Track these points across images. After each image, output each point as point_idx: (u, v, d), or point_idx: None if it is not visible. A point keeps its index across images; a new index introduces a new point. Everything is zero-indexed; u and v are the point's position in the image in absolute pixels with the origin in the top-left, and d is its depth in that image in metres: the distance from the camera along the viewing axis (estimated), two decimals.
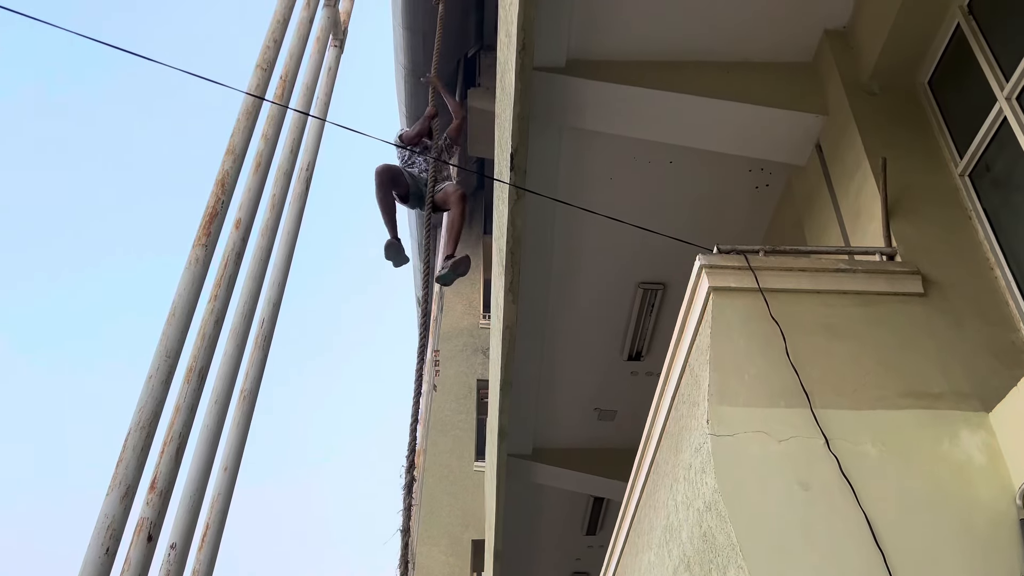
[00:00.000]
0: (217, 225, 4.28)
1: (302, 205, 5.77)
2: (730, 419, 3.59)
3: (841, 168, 5.06)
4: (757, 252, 4.11)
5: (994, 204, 4.38)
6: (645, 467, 4.80)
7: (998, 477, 3.47)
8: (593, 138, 6.03)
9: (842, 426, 3.57)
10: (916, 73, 5.02)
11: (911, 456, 3.53)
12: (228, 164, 4.50)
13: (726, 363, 3.77)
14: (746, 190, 6.32)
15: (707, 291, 3.94)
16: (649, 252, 6.93)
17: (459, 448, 15.84)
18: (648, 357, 8.13)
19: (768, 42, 5.53)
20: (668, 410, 4.33)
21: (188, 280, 4.05)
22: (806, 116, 5.37)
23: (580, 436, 9.26)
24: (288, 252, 5.56)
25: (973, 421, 3.63)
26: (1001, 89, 4.28)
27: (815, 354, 3.81)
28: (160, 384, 3.72)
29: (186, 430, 3.92)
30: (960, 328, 3.98)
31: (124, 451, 3.48)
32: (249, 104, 4.76)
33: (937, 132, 4.82)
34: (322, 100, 6.41)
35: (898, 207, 4.48)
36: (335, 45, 6.99)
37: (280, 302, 5.35)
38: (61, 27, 3.56)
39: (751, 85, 5.52)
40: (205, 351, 4.16)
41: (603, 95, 5.66)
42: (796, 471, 3.46)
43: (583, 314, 7.75)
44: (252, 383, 4.96)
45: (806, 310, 3.96)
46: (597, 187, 6.39)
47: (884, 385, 3.73)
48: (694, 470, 3.69)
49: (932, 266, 4.18)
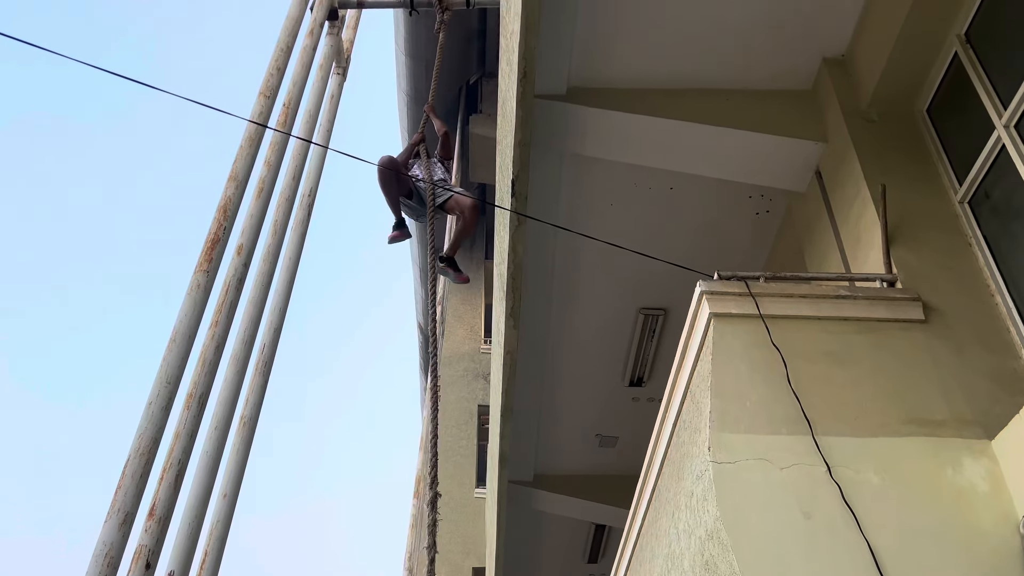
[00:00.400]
0: (219, 251, 4.30)
1: (304, 231, 5.79)
2: (732, 446, 3.58)
3: (841, 195, 5.08)
4: (758, 278, 4.12)
5: (994, 231, 4.39)
6: (647, 494, 4.78)
7: (1001, 505, 3.44)
8: (594, 164, 6.06)
9: (844, 453, 3.56)
10: (915, 101, 5.06)
11: (914, 484, 3.51)
12: (231, 191, 4.52)
13: (727, 389, 3.76)
14: (747, 216, 6.34)
15: (708, 317, 3.94)
16: (650, 278, 6.94)
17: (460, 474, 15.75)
18: (649, 383, 8.12)
19: (768, 70, 5.57)
20: (669, 437, 4.32)
21: (189, 306, 4.06)
22: (806, 143, 5.41)
23: (582, 462, 9.22)
24: (289, 278, 5.57)
25: (976, 448, 3.61)
26: (999, 117, 4.30)
27: (816, 381, 3.81)
28: (160, 410, 3.71)
29: (185, 456, 3.91)
30: (961, 355, 3.98)
31: (123, 478, 3.47)
32: (252, 131, 4.80)
33: (936, 159, 4.85)
34: (324, 127, 6.45)
35: (898, 234, 4.49)
36: (338, 73, 7.05)
37: (281, 328, 5.35)
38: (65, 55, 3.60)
39: (751, 112, 5.56)
40: (205, 377, 4.15)
41: (604, 122, 5.70)
42: (798, 499, 3.44)
43: (584, 340, 7.74)
44: (252, 409, 4.95)
45: (807, 336, 3.96)
46: (598, 213, 6.42)
47: (886, 412, 3.71)
48: (696, 498, 3.67)
49: (933, 293, 4.18)
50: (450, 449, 16.05)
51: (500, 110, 6.04)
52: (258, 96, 5.06)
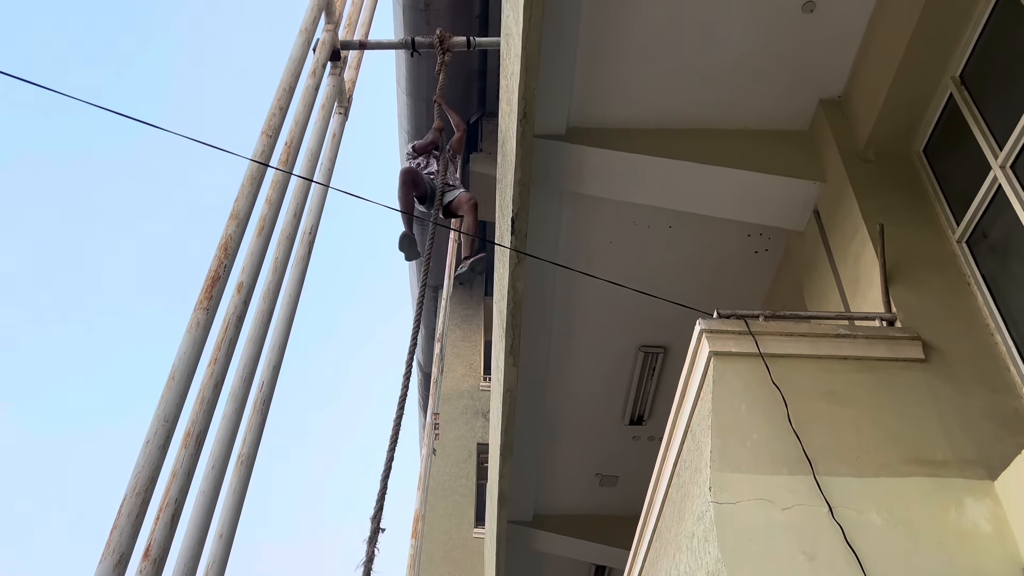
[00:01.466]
0: (219, 289, 4.30)
1: (304, 268, 5.81)
2: (733, 486, 3.56)
3: (839, 234, 5.10)
4: (757, 317, 4.12)
5: (992, 270, 4.40)
6: (647, 535, 4.73)
7: (1005, 546, 3.41)
8: (593, 203, 6.10)
9: (846, 494, 3.53)
10: (911, 141, 5.11)
11: (917, 525, 3.47)
12: (232, 228, 4.54)
13: (728, 429, 3.75)
14: (746, 255, 6.36)
15: (708, 356, 3.94)
16: (650, 316, 6.94)
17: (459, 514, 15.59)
18: (650, 421, 8.08)
19: (765, 110, 5.63)
20: (670, 476, 4.29)
21: (188, 344, 4.06)
22: (804, 183, 5.45)
23: (582, 502, 9.14)
24: (289, 315, 5.58)
25: (978, 489, 3.58)
26: (995, 157, 4.34)
27: (817, 420, 3.79)
28: (158, 449, 3.69)
29: (182, 496, 3.87)
30: (962, 394, 3.97)
31: (119, 517, 3.44)
32: (254, 170, 4.83)
33: (933, 199, 4.88)
34: (326, 165, 6.50)
35: (897, 273, 4.51)
36: (340, 112, 7.12)
37: (280, 365, 5.34)
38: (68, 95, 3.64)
39: (749, 152, 5.61)
40: (204, 415, 4.13)
41: (603, 161, 5.75)
42: (800, 540, 3.40)
43: (584, 378, 7.72)
44: (250, 447, 4.92)
45: (807, 375, 3.95)
46: (597, 251, 6.44)
47: (887, 452, 3.69)
48: (697, 539, 3.64)
49: (932, 332, 4.18)
50: (448, 488, 15.91)
51: (500, 149, 6.09)
52: (260, 135, 5.11)
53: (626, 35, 5.26)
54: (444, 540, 15.21)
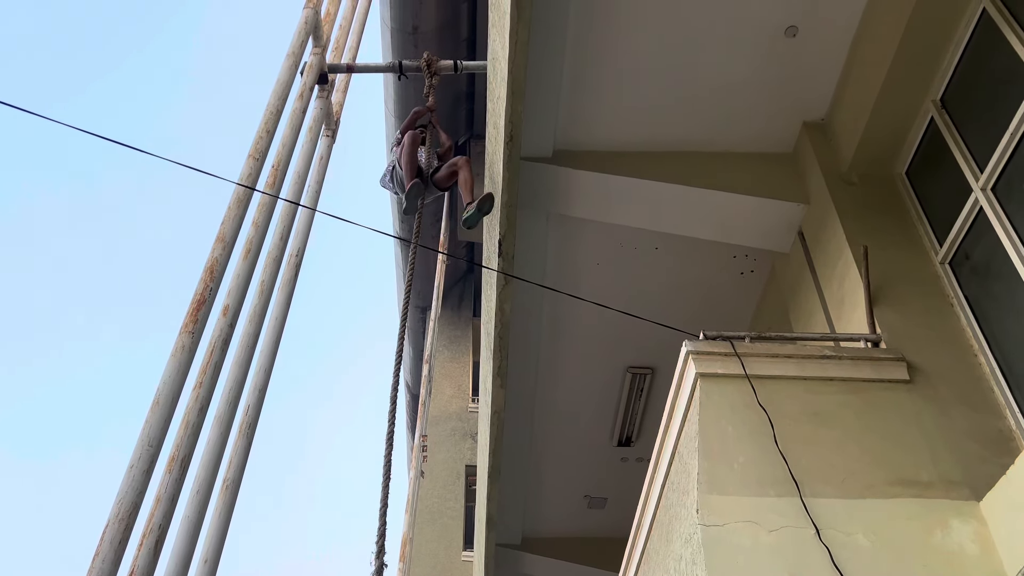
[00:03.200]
0: (204, 312, 4.28)
1: (291, 291, 5.79)
2: (720, 508, 3.56)
3: (824, 256, 5.14)
4: (743, 338, 4.14)
5: (975, 292, 4.44)
6: (636, 557, 4.71)
7: (991, 567, 3.42)
8: (580, 225, 6.12)
9: (832, 515, 3.54)
10: (894, 164, 5.16)
11: (903, 546, 3.48)
12: (218, 252, 4.53)
13: (715, 451, 3.75)
14: (731, 276, 6.39)
15: (694, 377, 3.95)
16: (637, 337, 6.95)
17: (447, 537, 15.46)
18: (638, 443, 8.06)
19: (749, 133, 5.69)
20: (658, 498, 4.28)
21: (173, 368, 4.03)
22: (788, 205, 5.49)
23: (570, 525, 9.09)
24: (275, 338, 5.55)
25: (964, 510, 3.60)
26: (976, 180, 4.39)
27: (803, 441, 3.80)
28: (142, 474, 3.65)
29: (166, 521, 3.83)
30: (947, 415, 3.99)
31: (101, 544, 3.39)
32: (240, 193, 4.83)
33: (916, 221, 4.92)
34: (313, 188, 6.51)
35: (881, 294, 4.54)
36: (327, 135, 7.14)
37: (266, 389, 5.31)
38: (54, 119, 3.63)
39: (733, 175, 5.66)
40: (188, 439, 4.10)
41: (589, 184, 5.78)
42: (787, 562, 3.40)
43: (572, 399, 7.71)
44: (235, 471, 4.88)
45: (793, 397, 3.97)
46: (584, 273, 6.46)
47: (873, 473, 3.71)
48: (685, 561, 3.63)
49: (917, 353, 4.21)
50: (436, 510, 15.80)
51: (487, 172, 6.12)
52: (247, 158, 5.11)
53: (612, 59, 5.31)
54: (432, 563, 15.07)
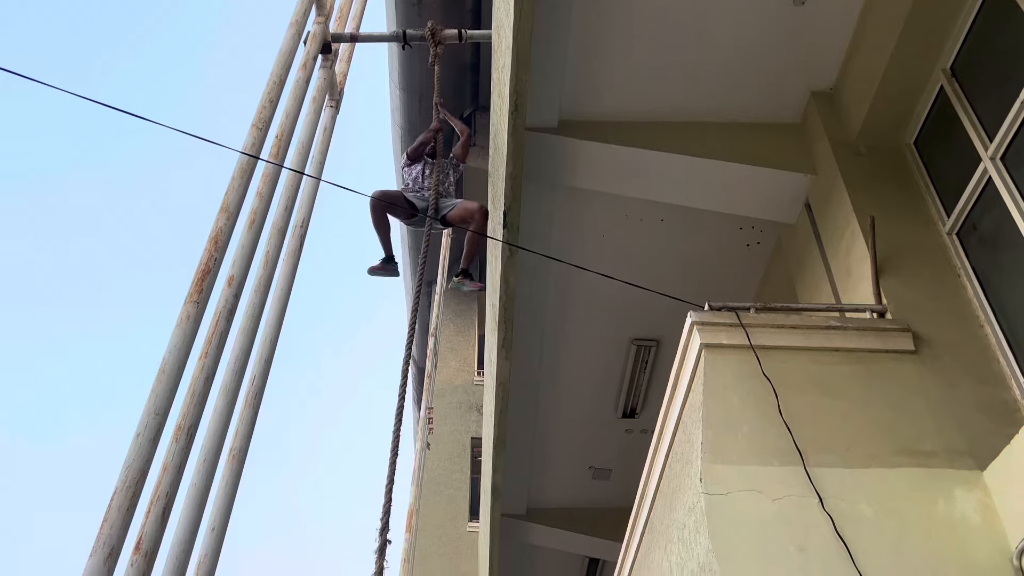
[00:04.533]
0: (209, 282, 4.28)
1: (296, 262, 5.78)
2: (724, 477, 3.57)
3: (831, 226, 5.11)
4: (748, 309, 4.13)
5: (982, 262, 4.41)
6: (639, 527, 4.74)
7: (994, 536, 3.43)
8: (585, 196, 6.09)
9: (836, 485, 3.54)
10: (902, 133, 5.11)
11: (906, 515, 3.49)
12: (222, 222, 4.53)
13: (719, 420, 3.75)
14: (738, 248, 6.37)
15: (699, 348, 3.94)
16: (642, 309, 6.94)
17: (452, 508, 15.59)
18: (642, 414, 8.09)
19: (757, 103, 5.63)
20: (662, 468, 4.30)
21: (179, 337, 4.04)
22: (795, 176, 5.45)
23: (575, 495, 9.15)
24: (281, 309, 5.55)
25: (968, 480, 3.60)
26: (985, 149, 4.35)
27: (807, 411, 3.80)
28: (148, 442, 3.67)
29: (173, 489, 3.86)
30: (952, 386, 3.98)
31: (109, 511, 3.43)
32: (244, 163, 4.81)
33: (924, 191, 4.89)
34: (317, 159, 6.48)
35: (888, 265, 4.52)
36: (331, 105, 7.09)
37: (272, 359, 5.32)
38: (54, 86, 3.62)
39: (740, 145, 5.62)
40: (195, 409, 4.12)
41: (595, 154, 5.74)
42: (791, 531, 3.42)
43: (577, 371, 7.73)
44: (242, 441, 4.90)
45: (797, 367, 3.96)
46: (590, 244, 6.44)
47: (877, 443, 3.71)
48: (688, 530, 3.65)
49: (923, 324, 4.19)
50: (442, 482, 15.92)
51: (492, 143, 6.08)
52: (251, 128, 5.09)
53: (617, 28, 5.25)
54: (438, 534, 15.22)
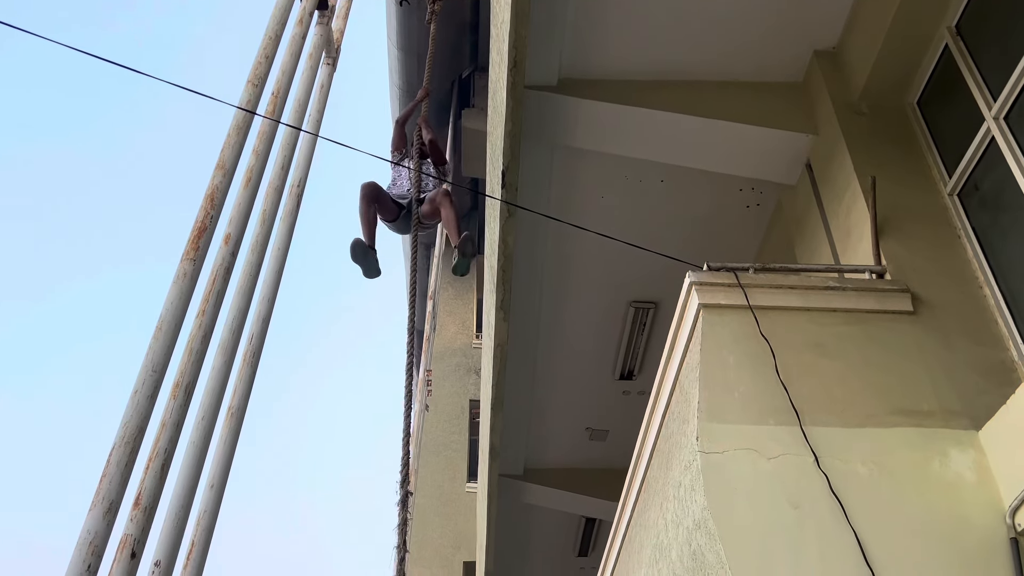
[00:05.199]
0: (206, 240, 4.26)
1: (293, 221, 5.75)
2: (720, 436, 3.58)
3: (831, 187, 5.08)
4: (747, 269, 4.12)
5: (983, 223, 4.39)
6: (636, 486, 4.77)
7: (988, 495, 3.45)
8: (585, 156, 6.05)
9: (832, 444, 3.56)
10: (905, 93, 5.05)
11: (901, 474, 3.51)
12: (218, 179, 4.49)
13: (716, 380, 3.76)
14: (737, 209, 6.33)
15: (697, 308, 3.93)
16: (641, 271, 6.93)
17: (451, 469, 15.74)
18: (640, 376, 8.12)
19: (759, 62, 5.56)
20: (659, 428, 4.31)
21: (176, 294, 4.03)
22: (796, 136, 5.40)
23: (572, 456, 9.22)
24: (278, 268, 5.54)
25: (963, 439, 3.61)
26: (989, 109, 4.30)
27: (804, 372, 3.81)
28: (146, 399, 3.68)
29: (171, 446, 3.88)
30: (949, 346, 3.98)
31: (108, 466, 3.44)
32: (240, 119, 4.76)
33: (926, 151, 4.85)
34: (314, 117, 6.42)
35: (888, 226, 4.49)
36: (328, 63, 7.01)
37: (270, 318, 5.32)
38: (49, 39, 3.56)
39: (742, 104, 5.56)
40: (192, 366, 4.13)
41: (594, 113, 5.69)
42: (786, 489, 3.43)
43: (575, 333, 7.74)
44: (240, 400, 4.92)
45: (796, 328, 3.96)
46: (589, 206, 6.41)
47: (873, 403, 3.72)
48: (684, 488, 3.67)
49: (921, 285, 4.18)
50: (441, 444, 16.05)
51: (490, 101, 6.02)
52: (246, 84, 5.03)
53: None
54: (437, 494, 15.38)
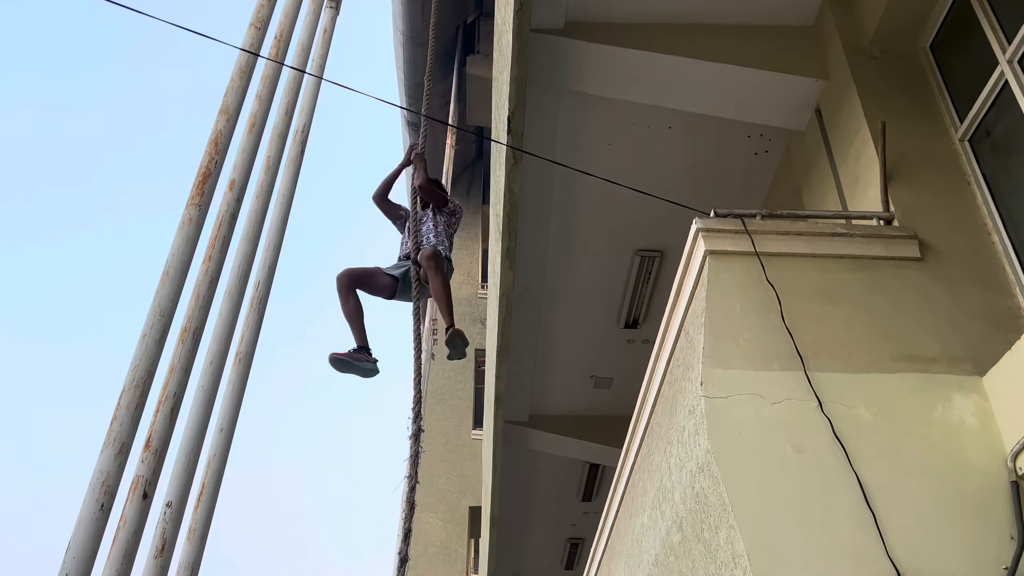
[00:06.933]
0: (210, 186, 4.25)
1: (297, 168, 5.73)
2: (724, 381, 3.60)
3: (840, 133, 5.02)
4: (754, 216, 4.10)
5: (993, 169, 4.35)
6: (640, 431, 4.82)
7: (990, 440, 3.48)
8: (591, 102, 5.98)
9: (835, 389, 3.57)
10: (918, 37, 4.96)
11: (904, 419, 3.53)
12: (221, 124, 4.46)
13: (721, 326, 3.76)
14: (745, 157, 6.28)
15: (703, 254, 3.92)
16: (647, 219, 6.91)
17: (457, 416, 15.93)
18: (645, 325, 8.14)
19: (769, 5, 5.46)
20: (663, 374, 4.34)
21: (181, 240, 4.03)
22: (806, 80, 5.33)
23: (576, 403, 9.30)
24: (283, 215, 5.53)
25: (966, 385, 3.63)
26: (1003, 52, 4.23)
27: (810, 318, 3.81)
28: (154, 343, 3.71)
29: (180, 390, 3.92)
30: (956, 293, 3.97)
31: (118, 408, 3.49)
32: (243, 63, 4.70)
33: (938, 96, 4.78)
34: (317, 62, 6.34)
35: (897, 172, 4.45)
36: (331, 6, 6.90)
37: (276, 265, 5.33)
38: None
39: (751, 48, 5.47)
40: (199, 311, 4.15)
41: (602, 58, 5.60)
42: (789, 433, 3.46)
43: (580, 281, 7.74)
44: (248, 345, 4.96)
45: (802, 274, 3.95)
46: (595, 152, 6.36)
47: (878, 348, 3.72)
48: (688, 432, 3.70)
49: (929, 231, 4.16)
50: (447, 392, 16.20)
51: (496, 45, 5.93)
52: (248, 27, 4.95)
53: None
54: (443, 441, 15.58)
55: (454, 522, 15.83)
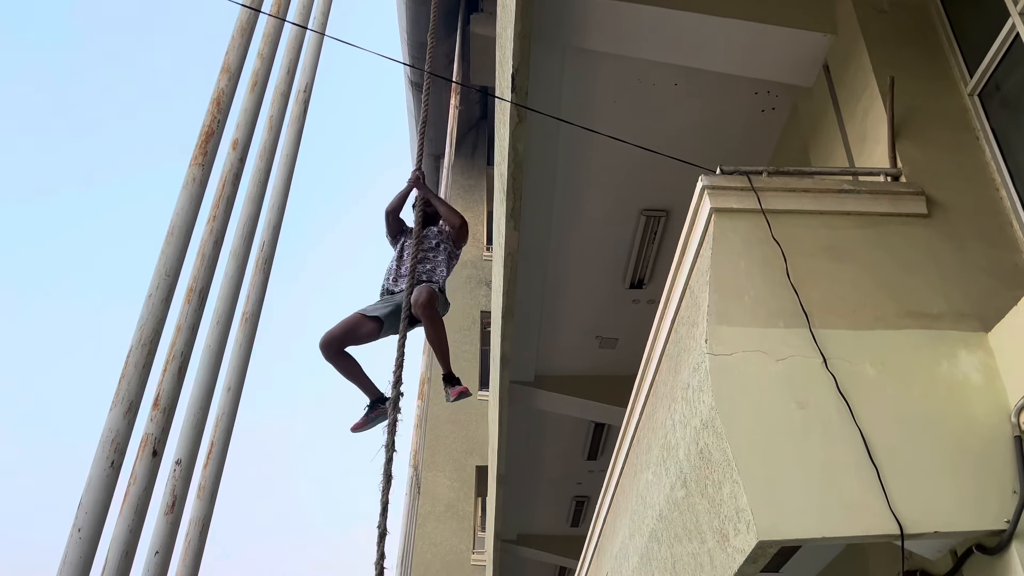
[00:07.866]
0: (213, 145, 4.23)
1: (300, 128, 5.69)
2: (728, 338, 3.60)
3: (848, 90, 4.96)
4: (760, 173, 4.06)
5: (1003, 124, 4.30)
6: (645, 389, 4.84)
7: (995, 396, 3.48)
8: (596, 59, 5.90)
9: (840, 346, 3.57)
10: None
11: (908, 375, 3.53)
12: (223, 83, 4.43)
13: (726, 284, 3.76)
14: (752, 114, 6.22)
15: (709, 212, 3.90)
16: (652, 179, 6.86)
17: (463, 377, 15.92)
18: (650, 285, 8.14)
19: None
20: (668, 332, 4.34)
21: (185, 200, 4.03)
22: (814, 35, 5.24)
23: (582, 363, 9.34)
24: (287, 175, 5.51)
25: (972, 341, 3.63)
26: (1015, 4, 4.16)
27: (815, 275, 3.80)
28: (160, 302, 3.73)
29: (187, 349, 3.95)
30: (962, 249, 3.95)
31: (126, 367, 3.51)
32: (244, 20, 4.65)
33: (948, 51, 4.71)
34: (319, 20, 6.28)
35: (905, 128, 4.40)
36: None
37: (280, 225, 5.32)
38: None
39: (759, 3, 5.38)
40: (205, 271, 4.16)
41: (607, 13, 5.52)
42: (793, 389, 3.47)
43: (585, 241, 7.72)
44: (254, 305, 4.97)
45: (808, 231, 3.93)
46: (600, 110, 6.30)
47: (883, 306, 3.72)
48: (692, 389, 3.72)
49: (937, 187, 4.13)
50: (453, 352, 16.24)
51: (500, 1, 5.85)
52: None
53: None
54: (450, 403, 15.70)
55: (461, 481, 16.03)
